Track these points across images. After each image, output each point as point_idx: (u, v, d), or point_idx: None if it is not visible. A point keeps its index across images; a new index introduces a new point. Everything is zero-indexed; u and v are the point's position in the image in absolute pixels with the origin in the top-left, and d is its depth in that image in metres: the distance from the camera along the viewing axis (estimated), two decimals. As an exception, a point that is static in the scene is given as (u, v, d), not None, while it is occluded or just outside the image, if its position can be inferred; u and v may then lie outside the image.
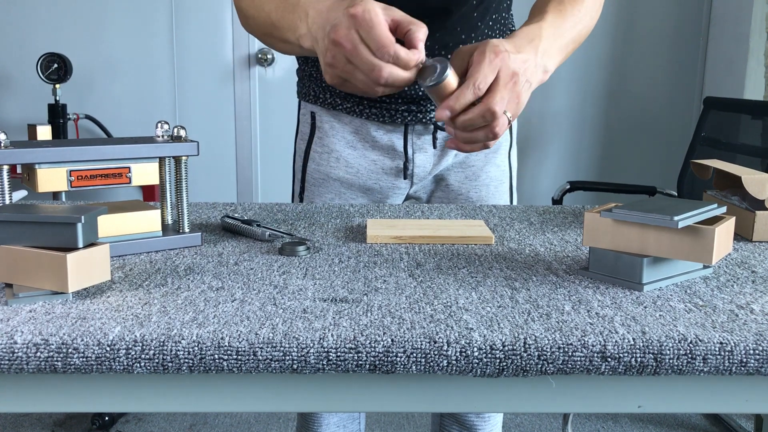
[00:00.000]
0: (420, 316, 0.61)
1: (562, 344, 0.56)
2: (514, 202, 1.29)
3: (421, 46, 0.81)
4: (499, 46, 0.84)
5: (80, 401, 0.60)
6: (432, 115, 1.18)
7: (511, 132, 1.28)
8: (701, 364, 0.57)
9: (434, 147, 1.20)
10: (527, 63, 0.86)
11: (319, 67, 1.19)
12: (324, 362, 0.56)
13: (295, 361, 0.56)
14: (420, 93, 1.16)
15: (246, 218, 0.94)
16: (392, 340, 0.56)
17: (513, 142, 1.29)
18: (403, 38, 0.81)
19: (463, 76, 0.84)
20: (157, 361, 0.56)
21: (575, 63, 3.01)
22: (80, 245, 0.64)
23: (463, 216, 1.05)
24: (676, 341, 0.57)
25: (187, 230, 0.86)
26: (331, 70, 0.82)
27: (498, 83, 0.83)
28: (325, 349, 0.56)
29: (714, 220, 0.72)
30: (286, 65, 2.92)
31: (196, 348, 0.56)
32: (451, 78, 0.82)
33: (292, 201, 1.28)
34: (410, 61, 0.79)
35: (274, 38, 0.98)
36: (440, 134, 1.20)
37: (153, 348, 0.56)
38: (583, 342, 0.57)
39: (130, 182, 0.81)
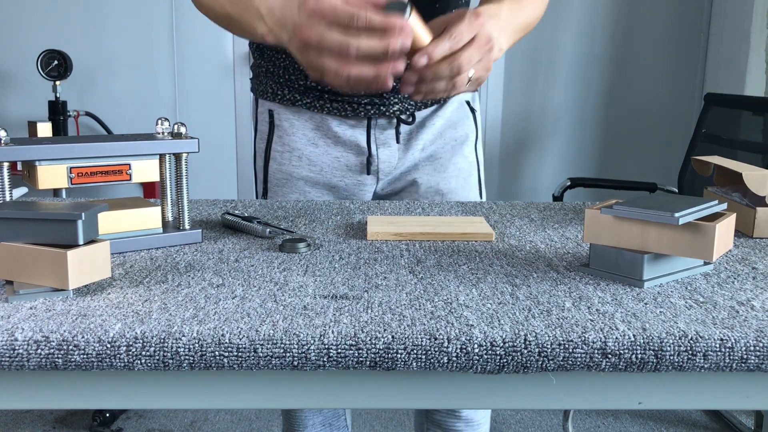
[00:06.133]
0: (420, 312, 0.61)
1: (563, 341, 0.56)
2: (484, 196, 1.28)
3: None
4: (480, 10, 0.88)
5: (81, 398, 0.60)
6: (395, 108, 1.16)
7: (476, 124, 1.27)
8: (702, 361, 0.57)
9: (398, 141, 1.19)
10: (500, 33, 0.90)
11: (276, 63, 1.18)
12: (324, 359, 0.56)
13: (295, 358, 0.56)
14: None
15: (246, 215, 0.94)
16: (393, 337, 0.56)
17: (479, 135, 1.28)
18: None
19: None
20: (157, 358, 0.56)
21: (576, 59, 3.00)
22: (81, 242, 0.64)
23: (463, 213, 1.05)
24: (677, 338, 0.57)
25: (187, 227, 0.86)
26: (311, 71, 0.84)
27: (473, 43, 0.86)
28: (326, 346, 0.56)
29: (715, 217, 0.72)
30: (286, 62, 2.92)
31: (197, 345, 0.56)
32: (417, 25, 0.84)
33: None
34: (386, 23, 0.77)
35: (233, 30, 0.99)
36: (403, 128, 1.19)
37: (153, 345, 0.56)
38: (583, 339, 0.57)
39: (130, 179, 0.81)
